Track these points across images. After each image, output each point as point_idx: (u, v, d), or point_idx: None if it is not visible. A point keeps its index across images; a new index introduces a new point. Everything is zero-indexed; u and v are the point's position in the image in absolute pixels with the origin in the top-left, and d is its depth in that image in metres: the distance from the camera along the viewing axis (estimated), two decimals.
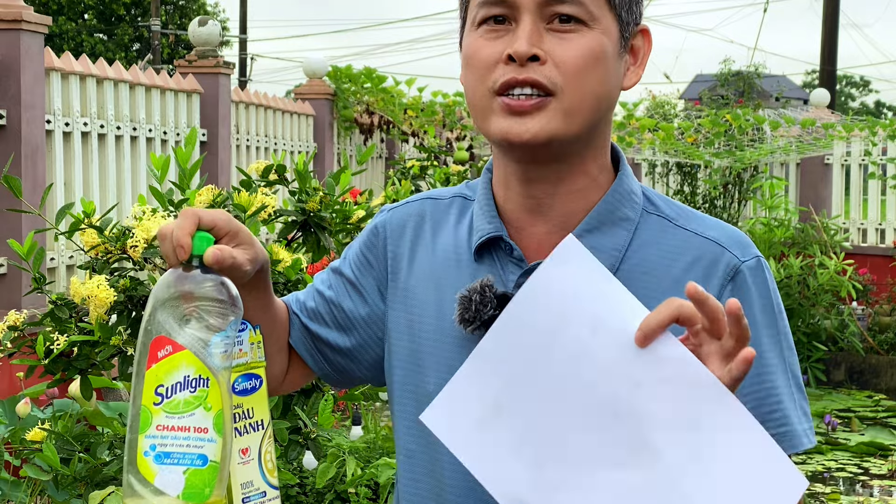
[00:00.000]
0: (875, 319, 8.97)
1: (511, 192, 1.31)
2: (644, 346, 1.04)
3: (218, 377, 1.13)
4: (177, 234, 1.14)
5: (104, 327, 2.54)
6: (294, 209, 3.06)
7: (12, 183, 2.64)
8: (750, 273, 1.27)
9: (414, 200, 1.42)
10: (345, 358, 1.41)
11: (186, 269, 1.14)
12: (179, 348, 1.11)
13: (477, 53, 1.25)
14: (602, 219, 1.28)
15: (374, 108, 9.46)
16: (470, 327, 1.24)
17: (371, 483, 4.04)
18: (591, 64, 1.22)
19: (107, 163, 6.16)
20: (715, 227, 1.30)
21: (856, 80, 62.30)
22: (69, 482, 2.90)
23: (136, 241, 2.56)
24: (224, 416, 1.13)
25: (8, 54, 5.23)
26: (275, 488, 1.25)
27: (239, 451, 1.22)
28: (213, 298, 1.13)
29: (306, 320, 1.41)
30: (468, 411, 1.10)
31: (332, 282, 1.43)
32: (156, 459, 1.10)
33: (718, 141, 10.11)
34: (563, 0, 1.21)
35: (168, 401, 1.11)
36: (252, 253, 1.22)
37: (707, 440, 1.03)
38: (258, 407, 1.25)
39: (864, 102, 63.99)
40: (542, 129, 1.22)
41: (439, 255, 1.35)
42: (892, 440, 6.95)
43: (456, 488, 1.29)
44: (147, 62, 18.83)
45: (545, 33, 1.22)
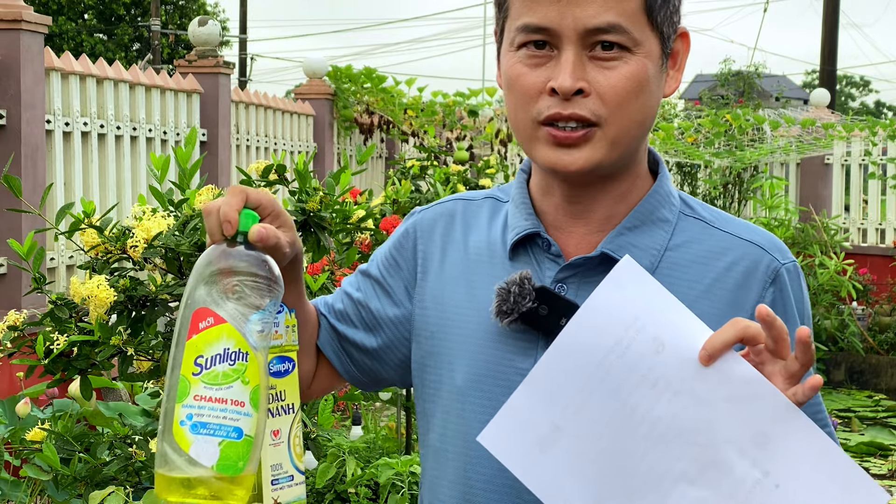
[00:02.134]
0: (875, 319, 8.97)
1: (552, 197, 1.31)
2: (708, 365, 1.05)
3: (256, 354, 1.13)
4: (224, 210, 1.15)
5: (104, 327, 2.54)
6: (294, 209, 3.06)
7: (12, 183, 2.64)
8: (789, 276, 1.28)
9: (446, 201, 1.43)
10: (371, 359, 1.41)
11: (230, 245, 1.15)
12: (221, 321, 1.12)
13: (519, 80, 1.23)
14: (642, 218, 1.28)
15: (374, 108, 9.45)
16: (507, 319, 1.24)
17: (371, 483, 4.04)
18: (635, 92, 1.22)
19: (107, 163, 6.16)
20: (754, 230, 1.31)
21: (856, 80, 62.32)
22: (69, 482, 2.90)
23: (136, 241, 2.56)
24: (261, 393, 1.13)
25: (8, 54, 5.23)
26: (301, 473, 1.25)
27: (270, 432, 1.22)
28: (256, 275, 1.13)
29: (334, 321, 1.42)
30: (527, 432, 1.10)
31: (359, 284, 1.43)
32: (192, 429, 1.10)
33: (718, 141, 10.11)
34: (606, 30, 1.20)
35: (207, 371, 1.11)
36: (291, 236, 1.23)
37: (777, 456, 1.04)
38: (290, 390, 1.25)
39: (864, 102, 64.00)
40: (589, 160, 1.22)
41: (471, 254, 1.35)
42: (892, 440, 6.95)
43: (486, 486, 1.28)
44: (147, 62, 18.84)
45: (587, 62, 1.21)
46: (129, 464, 2.89)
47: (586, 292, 1.18)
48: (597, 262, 1.26)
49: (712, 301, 1.25)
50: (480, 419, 1.23)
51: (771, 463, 1.04)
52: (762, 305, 1.06)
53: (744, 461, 1.04)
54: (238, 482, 1.11)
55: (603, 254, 1.26)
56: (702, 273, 1.26)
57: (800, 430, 1.04)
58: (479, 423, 1.24)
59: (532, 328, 1.25)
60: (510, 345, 1.27)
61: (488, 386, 1.28)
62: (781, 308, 1.26)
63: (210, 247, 1.16)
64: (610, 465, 1.07)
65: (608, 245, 1.27)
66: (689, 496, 1.05)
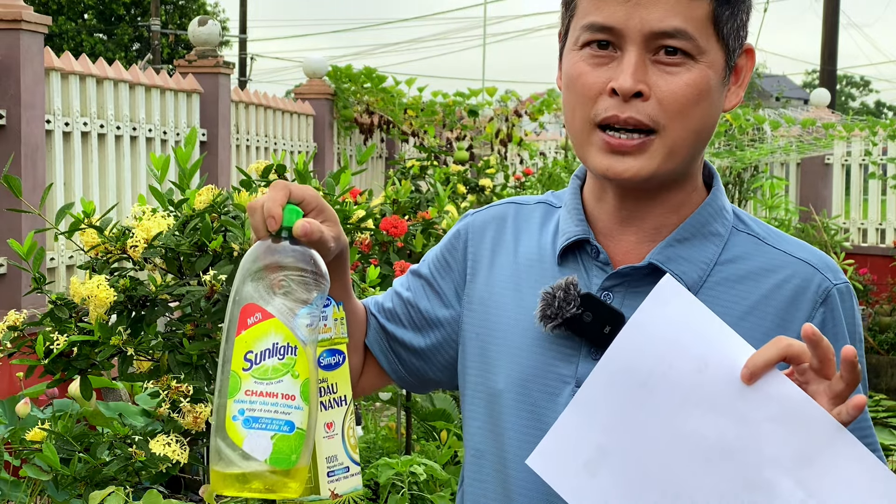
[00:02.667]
0: (875, 319, 8.96)
1: (604, 204, 1.31)
2: (751, 384, 1.04)
3: (305, 348, 1.14)
4: (268, 206, 1.15)
5: (104, 327, 2.54)
6: None
7: (12, 183, 2.64)
8: (840, 297, 1.27)
9: (498, 204, 1.43)
10: (419, 359, 1.41)
11: (275, 241, 1.16)
12: (268, 316, 1.13)
13: (580, 79, 1.23)
14: (693, 231, 1.28)
15: (374, 108, 9.45)
16: (550, 324, 1.24)
17: (371, 483, 4.04)
18: (695, 101, 1.21)
19: (107, 163, 6.16)
20: (807, 248, 1.30)
21: (856, 80, 62.31)
22: (69, 482, 2.90)
23: (136, 241, 2.56)
24: (311, 386, 1.14)
25: (8, 54, 5.23)
26: (357, 464, 1.26)
27: (324, 425, 1.23)
28: (301, 269, 1.14)
29: (383, 321, 1.42)
30: (574, 454, 1.10)
31: (410, 283, 1.43)
32: (244, 424, 1.11)
33: (718, 141, 10.10)
34: (672, 34, 1.19)
35: (257, 367, 1.12)
36: (336, 231, 1.23)
37: (822, 477, 1.03)
38: (341, 383, 1.26)
39: (865, 102, 63.99)
40: (643, 169, 1.22)
41: (521, 258, 1.35)
42: (892, 440, 6.94)
43: (524, 489, 1.28)
44: (147, 62, 18.84)
45: (650, 66, 1.20)
46: (129, 464, 2.89)
47: (632, 302, 1.19)
48: (645, 272, 1.26)
49: (761, 318, 1.24)
50: (519, 423, 1.25)
51: (816, 483, 1.03)
52: (808, 324, 1.05)
53: (788, 481, 1.03)
54: (292, 475, 1.12)
55: (651, 264, 1.26)
56: (751, 289, 1.26)
57: (846, 451, 1.03)
58: (516, 426, 1.26)
59: (575, 334, 1.25)
60: (553, 350, 1.27)
61: (529, 390, 1.28)
62: (832, 328, 1.25)
63: (255, 243, 1.17)
64: (655, 487, 1.07)
65: (657, 256, 1.26)
66: None
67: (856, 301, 1.30)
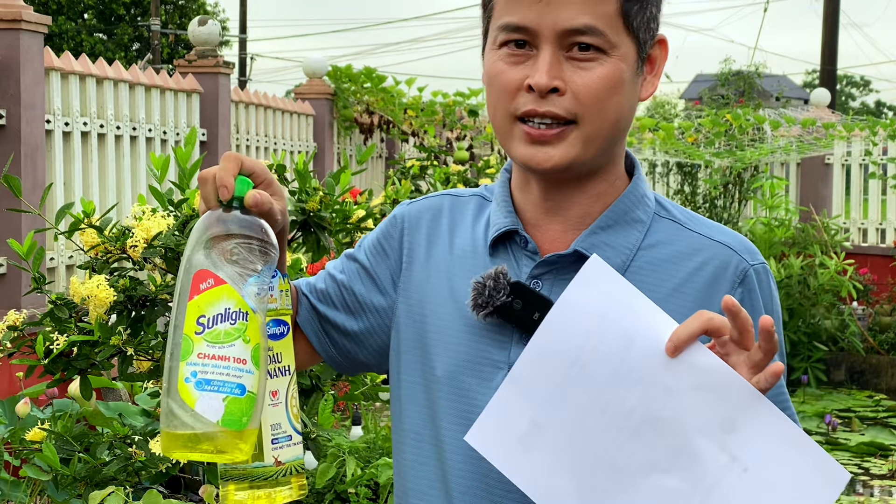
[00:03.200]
0: (875, 319, 8.96)
1: (530, 195, 1.36)
2: (675, 357, 1.09)
3: (255, 314, 1.16)
4: (220, 175, 1.19)
5: (104, 327, 2.54)
6: (294, 209, 3.05)
7: (12, 182, 2.64)
8: (758, 277, 1.32)
9: (434, 196, 1.48)
10: (351, 342, 1.45)
11: (226, 211, 1.18)
12: (221, 282, 1.15)
13: (499, 77, 1.28)
14: (616, 218, 1.33)
15: (374, 108, 9.45)
16: (482, 312, 1.28)
17: (371, 483, 4.04)
18: (610, 92, 1.26)
19: (106, 162, 6.16)
20: (725, 232, 1.35)
21: (856, 80, 62.31)
22: (69, 482, 2.90)
23: (136, 241, 2.56)
24: (261, 351, 1.16)
25: (8, 54, 5.22)
26: (299, 433, 1.28)
27: (269, 392, 1.25)
28: (251, 238, 1.17)
29: (315, 302, 1.45)
30: (510, 430, 1.14)
31: (344, 267, 1.47)
32: (197, 386, 1.13)
33: (719, 141, 10.10)
34: (583, 31, 1.24)
35: (209, 330, 1.14)
36: (282, 205, 1.27)
37: (744, 441, 1.08)
38: (286, 353, 1.28)
39: (865, 102, 63.99)
40: (563, 157, 1.27)
41: (456, 249, 1.39)
42: (892, 440, 6.94)
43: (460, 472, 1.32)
44: (147, 62, 18.84)
45: (564, 62, 1.25)
46: (129, 464, 2.89)
47: (560, 288, 1.23)
48: (571, 259, 1.31)
49: (682, 299, 1.29)
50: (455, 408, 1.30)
51: (739, 448, 1.07)
52: (728, 296, 1.10)
53: (713, 447, 1.08)
54: (242, 437, 1.14)
55: (576, 252, 1.31)
56: (673, 272, 1.31)
57: (764, 416, 1.08)
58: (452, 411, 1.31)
59: (507, 322, 1.29)
60: (486, 337, 1.32)
61: (464, 376, 1.32)
62: (749, 307, 1.30)
63: (206, 212, 1.19)
64: (588, 459, 1.11)
65: (581, 243, 1.31)
66: (663, 485, 1.09)
67: (773, 280, 1.35)
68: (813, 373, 8.32)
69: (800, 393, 8.20)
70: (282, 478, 1.24)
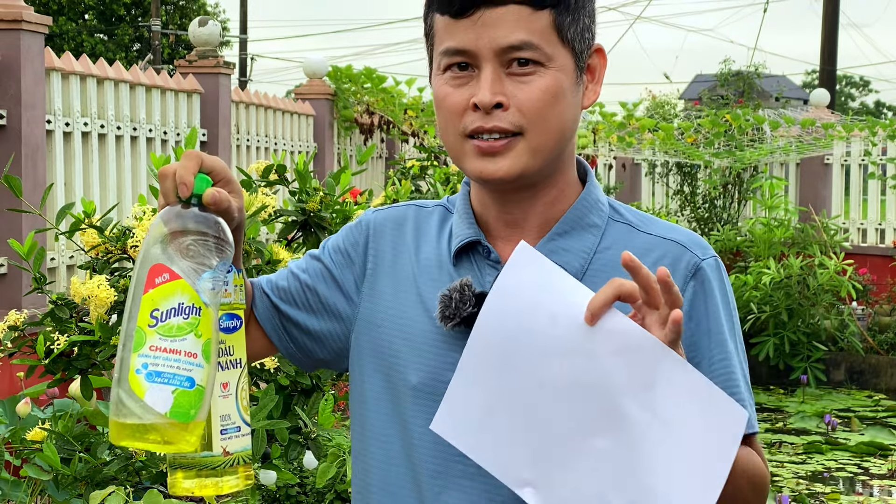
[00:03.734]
0: (875, 319, 8.97)
1: (489, 209, 1.41)
2: (593, 324, 1.15)
3: (208, 309, 1.19)
4: (180, 173, 1.22)
5: (104, 327, 2.55)
6: (294, 209, 3.06)
7: (12, 183, 2.64)
8: (710, 270, 1.37)
9: (399, 206, 1.52)
10: (311, 340, 1.48)
11: (184, 207, 1.22)
12: (175, 277, 1.18)
13: (446, 99, 1.34)
14: (572, 224, 1.39)
15: (374, 108, 9.46)
16: (450, 324, 1.34)
17: None
18: (551, 103, 1.32)
19: (107, 163, 6.16)
20: (675, 230, 1.41)
21: (856, 80, 62.29)
22: (69, 482, 2.90)
23: (137, 241, 2.57)
24: (212, 346, 1.20)
25: (8, 54, 5.23)
26: (248, 425, 1.31)
27: (220, 384, 1.28)
28: (208, 234, 1.21)
29: (276, 300, 1.48)
30: (467, 415, 1.21)
31: (308, 266, 1.50)
32: (147, 377, 1.16)
33: (718, 141, 10.11)
34: (519, 47, 1.30)
35: (162, 324, 1.17)
36: (240, 203, 1.31)
37: (662, 395, 1.15)
38: (238, 346, 1.32)
39: (864, 102, 63.97)
40: (512, 167, 1.32)
41: (421, 260, 1.43)
42: (891, 440, 6.95)
43: (430, 471, 1.36)
44: (147, 62, 18.84)
45: (505, 78, 1.31)
46: (130, 464, 2.89)
47: None
48: None
49: None
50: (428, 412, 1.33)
51: (658, 404, 1.15)
52: (625, 252, 1.16)
53: (635, 406, 1.15)
54: (189, 429, 1.17)
55: None
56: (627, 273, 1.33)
57: (672, 368, 1.15)
58: (425, 415, 1.34)
59: None
60: (456, 346, 1.35)
61: (437, 383, 1.36)
62: (703, 301, 1.36)
63: (164, 208, 1.23)
64: (536, 431, 1.18)
65: (540, 250, 1.34)
66: (597, 446, 1.16)
67: (724, 273, 1.40)
68: (812, 373, 8.33)
69: (799, 393, 8.21)
70: (229, 468, 1.27)
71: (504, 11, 1.29)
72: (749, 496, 1.31)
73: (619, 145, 10.08)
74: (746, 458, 1.30)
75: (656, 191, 11.58)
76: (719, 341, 1.34)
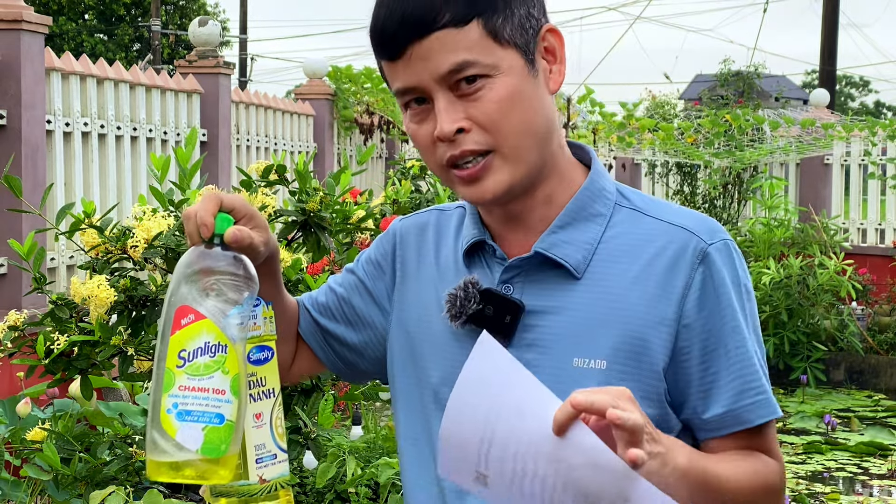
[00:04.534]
0: (875, 319, 8.97)
1: (491, 214, 1.42)
2: (561, 436, 1.11)
3: (235, 346, 1.23)
4: (201, 215, 1.26)
5: (104, 327, 2.55)
6: (294, 209, 3.06)
7: (12, 183, 2.64)
8: (719, 255, 1.33)
9: (423, 212, 1.54)
10: (352, 352, 1.52)
11: (208, 247, 1.26)
12: (201, 317, 1.22)
13: (415, 137, 1.35)
14: (573, 216, 1.37)
15: (374, 109, 9.46)
16: (458, 322, 1.35)
17: (371, 483, 4.04)
18: (510, 108, 1.29)
19: (107, 163, 6.17)
20: (684, 214, 1.37)
21: (855, 81, 62.29)
22: (69, 482, 2.91)
23: (137, 241, 2.57)
24: (240, 381, 1.24)
25: (8, 54, 5.23)
26: (284, 451, 1.36)
27: (253, 415, 1.33)
28: (231, 273, 1.25)
29: (316, 315, 1.52)
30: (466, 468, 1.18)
31: (344, 280, 1.54)
32: (178, 417, 1.21)
33: (718, 141, 10.11)
34: (459, 69, 1.28)
35: (190, 364, 1.22)
36: (265, 236, 1.33)
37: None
38: (270, 376, 1.36)
39: (864, 102, 63.97)
40: (498, 186, 1.32)
41: (441, 261, 1.45)
42: (891, 440, 6.95)
43: None
44: (147, 62, 18.84)
45: (458, 101, 1.29)
46: (130, 464, 2.89)
47: (531, 289, 1.33)
48: (536, 261, 1.36)
49: (644, 286, 1.32)
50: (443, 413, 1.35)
51: None
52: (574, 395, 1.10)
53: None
54: (222, 463, 1.22)
55: (537, 253, 1.35)
56: (633, 260, 1.34)
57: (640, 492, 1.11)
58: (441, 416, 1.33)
59: (483, 327, 1.33)
60: (470, 343, 1.34)
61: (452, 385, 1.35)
62: (713, 288, 1.32)
63: (189, 248, 1.27)
64: None
65: (541, 244, 1.35)
66: None
67: (737, 255, 1.35)
68: (812, 373, 8.33)
69: (799, 393, 8.21)
70: (268, 494, 1.32)
71: (431, 40, 1.27)
72: None
73: (619, 145, 10.08)
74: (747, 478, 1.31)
75: (656, 191, 11.58)
76: (734, 328, 1.32)
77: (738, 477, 1.29)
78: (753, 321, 1.35)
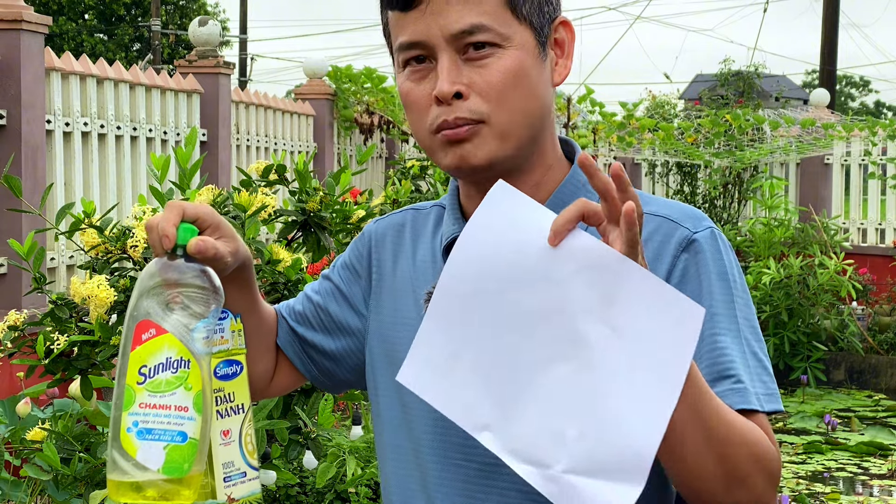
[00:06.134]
0: (875, 319, 8.97)
1: (474, 201, 1.37)
2: (556, 244, 1.10)
3: (199, 361, 1.18)
4: (162, 225, 1.21)
5: (104, 327, 2.54)
6: (294, 209, 3.06)
7: (12, 183, 2.64)
8: (704, 242, 1.30)
9: (398, 212, 1.51)
10: (330, 361, 1.48)
11: (171, 259, 1.20)
12: (162, 331, 1.17)
13: (409, 96, 1.31)
14: (557, 207, 1.33)
15: (374, 108, 9.46)
16: None
17: (371, 483, 4.04)
18: (513, 84, 1.27)
19: (107, 163, 6.16)
20: (669, 205, 1.35)
21: (856, 80, 62.29)
22: (69, 482, 2.91)
23: (137, 241, 2.57)
24: (204, 397, 1.18)
25: (8, 54, 5.23)
26: (254, 469, 1.30)
27: (220, 432, 1.27)
28: (195, 286, 1.19)
29: (293, 323, 1.48)
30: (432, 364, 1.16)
31: (320, 287, 1.50)
32: (138, 435, 1.16)
33: (718, 141, 10.11)
34: (471, 31, 1.25)
35: (151, 380, 1.17)
36: (234, 246, 1.27)
37: (621, 309, 1.10)
38: (239, 391, 1.30)
39: (864, 102, 63.99)
40: (483, 155, 1.28)
41: (418, 261, 1.42)
42: (891, 440, 6.95)
43: (439, 477, 1.35)
44: (147, 62, 18.85)
45: (463, 65, 1.27)
46: None
47: None
48: None
49: None
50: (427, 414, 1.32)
51: (616, 317, 1.10)
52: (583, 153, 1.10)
53: (596, 323, 1.10)
54: (185, 483, 1.17)
55: None
56: None
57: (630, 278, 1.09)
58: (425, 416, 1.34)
59: None
60: None
61: None
62: (695, 274, 1.29)
63: (152, 260, 1.22)
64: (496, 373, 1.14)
65: None
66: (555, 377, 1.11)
67: (724, 244, 1.32)
68: (812, 373, 8.33)
69: (799, 393, 8.21)
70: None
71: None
72: (749, 468, 1.19)
73: (619, 145, 10.08)
74: (744, 427, 1.19)
75: (656, 191, 11.58)
76: (711, 315, 1.26)
77: (733, 419, 1.19)
78: (743, 311, 1.30)
